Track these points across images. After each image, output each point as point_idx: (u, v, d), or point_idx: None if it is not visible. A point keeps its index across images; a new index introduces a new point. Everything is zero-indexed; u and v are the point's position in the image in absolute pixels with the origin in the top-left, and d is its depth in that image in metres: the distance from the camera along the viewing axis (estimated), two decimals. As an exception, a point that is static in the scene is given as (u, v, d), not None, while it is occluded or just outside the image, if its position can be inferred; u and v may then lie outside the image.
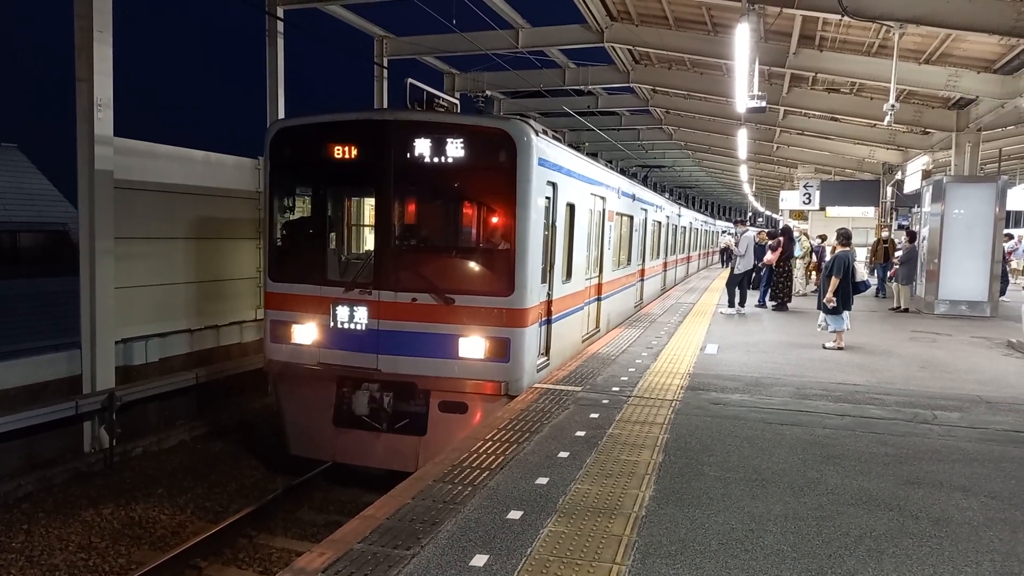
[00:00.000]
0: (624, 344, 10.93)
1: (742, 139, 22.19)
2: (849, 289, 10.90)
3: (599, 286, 11.58)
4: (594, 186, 10.72)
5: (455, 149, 7.65)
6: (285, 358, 8.32)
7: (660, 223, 18.79)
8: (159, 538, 7.56)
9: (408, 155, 7.77)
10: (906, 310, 16.38)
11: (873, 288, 18.72)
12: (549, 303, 8.61)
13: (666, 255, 20.65)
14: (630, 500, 4.74)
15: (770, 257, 16.46)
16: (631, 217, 14.21)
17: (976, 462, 5.74)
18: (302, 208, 8.83)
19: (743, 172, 35.61)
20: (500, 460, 5.45)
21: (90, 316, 9.66)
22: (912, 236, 17.25)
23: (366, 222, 8.98)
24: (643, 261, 16.15)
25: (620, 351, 10.30)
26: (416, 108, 8.46)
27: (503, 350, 7.62)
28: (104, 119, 9.69)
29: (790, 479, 5.23)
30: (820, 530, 4.36)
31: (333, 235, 8.78)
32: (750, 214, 68.66)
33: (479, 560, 3.86)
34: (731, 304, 15.49)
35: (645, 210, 15.91)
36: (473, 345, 7.67)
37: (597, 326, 11.59)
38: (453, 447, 5.87)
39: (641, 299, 16.28)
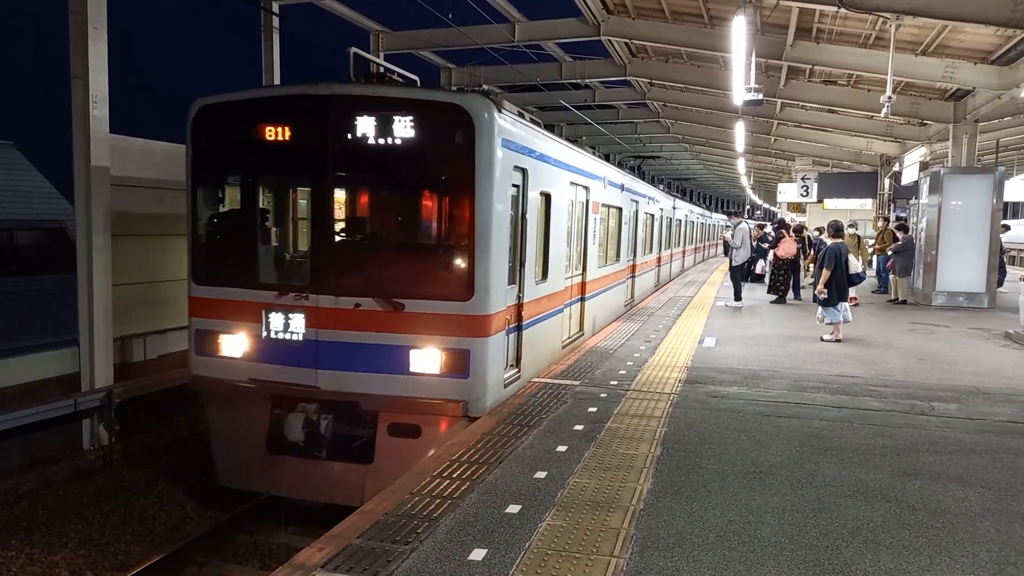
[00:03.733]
0: (622, 338, 10.94)
1: (739, 132, 22.19)
2: (843, 281, 10.92)
3: (583, 285, 10.67)
4: (575, 174, 9.77)
5: (403, 128, 6.57)
6: (212, 373, 7.26)
7: (653, 215, 18.10)
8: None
9: (349, 136, 6.70)
10: (904, 302, 16.40)
11: (874, 282, 18.77)
12: (519, 307, 7.61)
13: (660, 250, 19.86)
14: (628, 493, 4.75)
15: (789, 250, 16.58)
16: (620, 209, 13.38)
17: (973, 453, 5.76)
18: (231, 200, 7.77)
19: (741, 165, 35.63)
20: (498, 454, 5.46)
21: (88, 313, 9.64)
22: (904, 228, 17.28)
23: (303, 215, 7.76)
24: (634, 256, 15.40)
25: (618, 345, 10.31)
26: (361, 81, 7.34)
27: (461, 364, 6.59)
28: (100, 115, 9.66)
29: (788, 471, 5.24)
30: (817, 522, 4.38)
31: (265, 231, 7.68)
32: (748, 206, 68.68)
33: (478, 554, 3.87)
34: (737, 297, 15.51)
35: (636, 201, 15.16)
36: (426, 358, 6.64)
37: (581, 329, 10.69)
38: (454, 441, 5.84)
39: (632, 297, 15.57)
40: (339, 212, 7.12)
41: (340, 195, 7.11)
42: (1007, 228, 19.18)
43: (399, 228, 7.58)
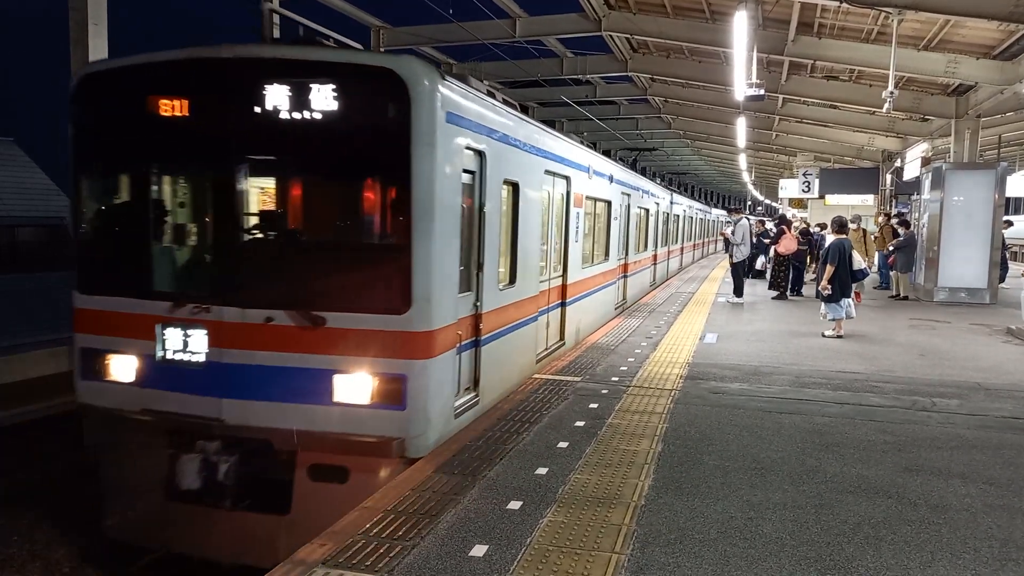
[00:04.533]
0: (623, 334, 10.93)
1: (741, 127, 22.16)
2: (846, 277, 10.90)
3: (563, 288, 9.49)
4: (552, 162, 8.56)
5: (322, 99, 5.34)
6: (100, 401, 5.98)
7: (647, 210, 17.00)
8: None
9: (257, 110, 5.40)
10: (905, 298, 16.38)
11: (876, 278, 18.76)
12: (478, 318, 6.42)
13: (655, 247, 18.72)
14: (629, 489, 4.75)
15: (790, 246, 16.59)
16: (609, 203, 12.31)
17: (975, 449, 5.75)
18: (121, 190, 6.44)
19: (742, 161, 35.57)
20: (500, 451, 5.46)
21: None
22: (906, 224, 17.25)
23: (204, 209, 6.22)
24: (626, 255, 14.37)
25: (619, 341, 10.30)
26: (274, 44, 6.04)
27: (396, 392, 5.34)
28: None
29: (789, 467, 5.24)
30: (819, 518, 4.38)
31: (160, 228, 6.21)
32: (749, 202, 68.64)
33: (479, 550, 3.87)
34: (738, 293, 15.49)
35: (628, 195, 14.02)
36: (354, 385, 5.38)
37: (561, 338, 9.53)
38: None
39: (624, 299, 14.58)
40: (246, 205, 5.74)
41: (247, 184, 5.73)
42: (1009, 224, 19.15)
43: (320, 224, 6.18)
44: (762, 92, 13.33)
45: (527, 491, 4.69)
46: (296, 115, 5.40)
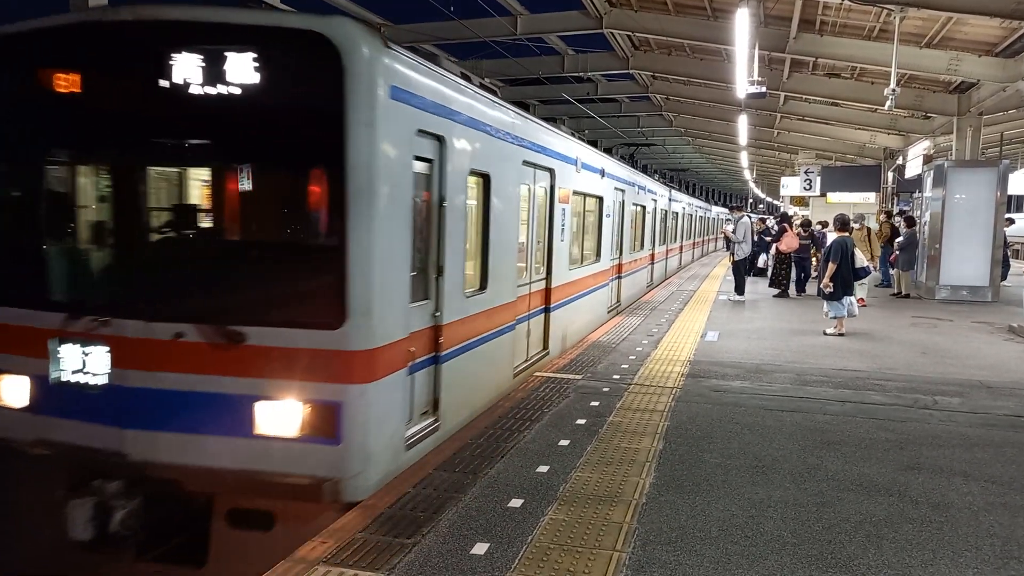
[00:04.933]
0: (625, 332, 10.93)
1: (742, 125, 22.11)
2: (849, 275, 10.89)
3: (546, 292, 8.76)
4: (532, 152, 7.79)
5: (240, 69, 4.42)
6: None
7: (644, 207, 16.27)
8: None
9: (162, 83, 4.48)
10: (907, 296, 16.37)
11: (877, 277, 18.74)
12: (437, 330, 5.53)
13: (654, 246, 18.10)
14: (631, 488, 4.74)
15: (792, 244, 16.57)
16: (600, 199, 11.61)
17: (977, 447, 5.74)
18: (7, 182, 5.41)
19: (744, 158, 35.53)
20: (501, 448, 5.46)
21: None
22: (911, 222, 17.23)
23: (105, 203, 5.13)
24: (620, 254, 13.79)
25: (621, 339, 10.30)
26: (184, 4, 4.96)
27: (329, 423, 4.48)
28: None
29: (790, 465, 5.23)
30: (820, 516, 4.37)
31: (55, 226, 5.33)
32: (751, 200, 68.59)
33: (480, 548, 3.87)
34: (739, 291, 15.48)
35: (622, 191, 13.40)
36: (279, 414, 4.51)
37: (544, 347, 8.78)
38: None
39: (619, 301, 13.97)
40: (152, 198, 4.95)
41: (152, 173, 4.98)
42: (1011, 222, 19.15)
43: (240, 221, 5.19)
44: (764, 90, 13.33)
45: (528, 489, 4.69)
46: (209, 89, 4.50)
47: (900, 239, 16.85)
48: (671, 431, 5.97)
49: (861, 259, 11.13)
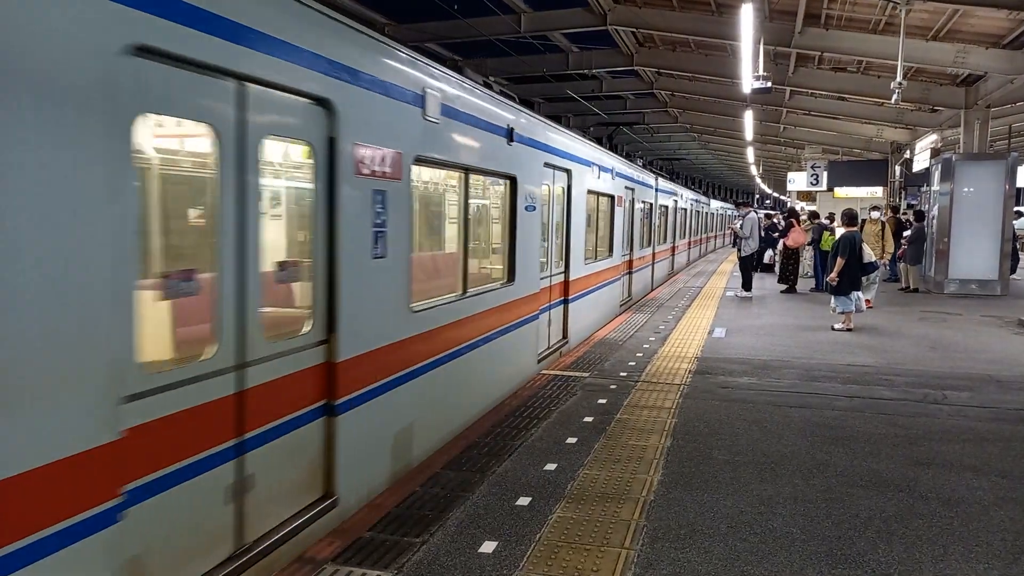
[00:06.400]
0: (632, 329, 10.91)
1: (748, 120, 22.05)
2: (857, 270, 10.85)
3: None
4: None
5: None
6: None
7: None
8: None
9: None
10: (915, 290, 16.29)
11: (884, 271, 18.64)
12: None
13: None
14: (639, 485, 4.74)
15: (799, 240, 16.51)
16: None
17: (987, 441, 5.71)
18: None
19: (750, 154, 35.41)
20: (508, 447, 5.46)
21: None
22: (920, 216, 17.14)
23: None
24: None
25: (628, 336, 10.28)
26: None
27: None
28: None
29: (799, 461, 5.21)
30: (829, 512, 4.36)
31: None
32: (757, 196, 68.37)
33: (488, 547, 3.87)
34: (746, 287, 15.44)
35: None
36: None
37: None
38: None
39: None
40: None
41: None
42: (1020, 215, 19.04)
43: None
44: (769, 85, 13.31)
45: (536, 487, 4.69)
46: None
47: (908, 233, 16.76)
48: (679, 428, 5.96)
49: (869, 254, 11.08)
